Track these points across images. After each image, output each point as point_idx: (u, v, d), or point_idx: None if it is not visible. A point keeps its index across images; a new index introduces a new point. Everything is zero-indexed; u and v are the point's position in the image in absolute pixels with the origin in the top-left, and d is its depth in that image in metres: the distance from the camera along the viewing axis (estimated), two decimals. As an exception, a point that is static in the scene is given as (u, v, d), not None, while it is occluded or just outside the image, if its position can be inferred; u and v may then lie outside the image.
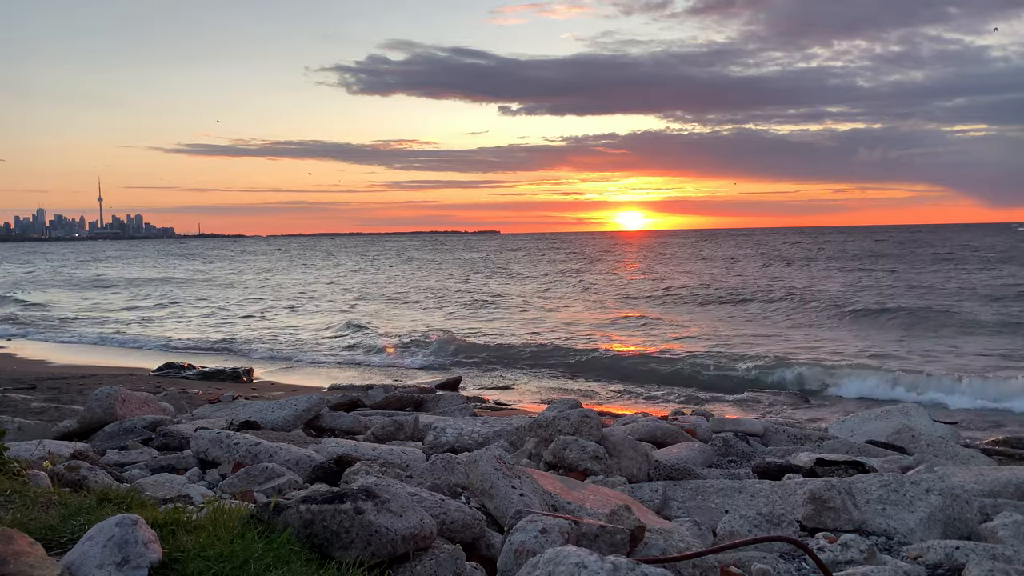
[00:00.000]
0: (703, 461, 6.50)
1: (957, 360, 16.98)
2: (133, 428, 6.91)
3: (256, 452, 5.13)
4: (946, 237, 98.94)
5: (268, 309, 32.56)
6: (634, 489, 4.80)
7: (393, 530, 2.65)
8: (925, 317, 23.19)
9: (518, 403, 13.13)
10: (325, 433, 7.52)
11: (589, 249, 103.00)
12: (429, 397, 10.46)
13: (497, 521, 3.67)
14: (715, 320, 26.11)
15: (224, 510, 2.78)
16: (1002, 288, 30.52)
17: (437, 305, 33.55)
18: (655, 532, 3.42)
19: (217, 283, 49.95)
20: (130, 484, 4.21)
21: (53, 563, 2.32)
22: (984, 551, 3.68)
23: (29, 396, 11.08)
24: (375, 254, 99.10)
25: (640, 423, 7.42)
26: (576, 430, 5.34)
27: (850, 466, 5.57)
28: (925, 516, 4.26)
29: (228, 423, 7.06)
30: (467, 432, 6.48)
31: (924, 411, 8.84)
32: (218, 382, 14.63)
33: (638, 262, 64.96)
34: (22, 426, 7.40)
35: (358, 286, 44.88)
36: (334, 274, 58.96)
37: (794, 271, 46.85)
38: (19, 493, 3.07)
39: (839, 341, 20.23)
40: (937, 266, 46.52)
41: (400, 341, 21.48)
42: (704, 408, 11.95)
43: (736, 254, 68.16)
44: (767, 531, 4.01)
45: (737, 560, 3.55)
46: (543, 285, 42.91)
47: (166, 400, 9.16)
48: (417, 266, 67.96)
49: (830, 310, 25.82)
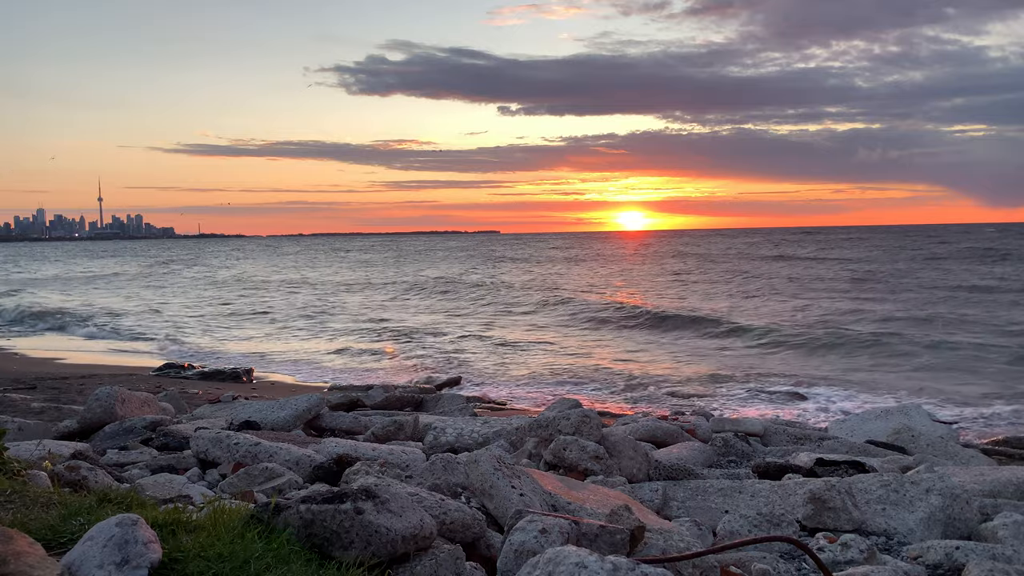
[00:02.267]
0: (703, 461, 6.51)
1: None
2: (133, 428, 6.91)
3: (256, 452, 5.13)
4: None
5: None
6: (634, 489, 4.80)
7: (393, 530, 2.65)
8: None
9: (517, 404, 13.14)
10: (325, 433, 7.52)
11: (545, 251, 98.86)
12: (429, 397, 10.47)
13: (497, 521, 3.67)
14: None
15: (224, 510, 2.78)
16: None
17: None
18: (655, 532, 3.42)
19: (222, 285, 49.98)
20: (130, 484, 4.21)
21: (53, 563, 2.32)
22: (984, 551, 3.68)
23: (29, 396, 11.08)
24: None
25: (640, 423, 7.42)
26: (576, 430, 5.34)
27: (850, 466, 5.57)
28: (925, 516, 4.26)
29: (228, 423, 7.06)
30: (467, 432, 6.48)
31: (924, 411, 8.84)
32: (218, 382, 14.62)
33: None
34: (22, 426, 7.39)
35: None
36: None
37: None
38: (19, 493, 3.07)
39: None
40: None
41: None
42: (704, 408, 11.95)
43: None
44: (767, 531, 4.01)
45: (737, 560, 3.55)
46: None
47: (166, 400, 9.17)
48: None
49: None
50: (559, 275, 50.01)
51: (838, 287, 34.56)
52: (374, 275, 54.14)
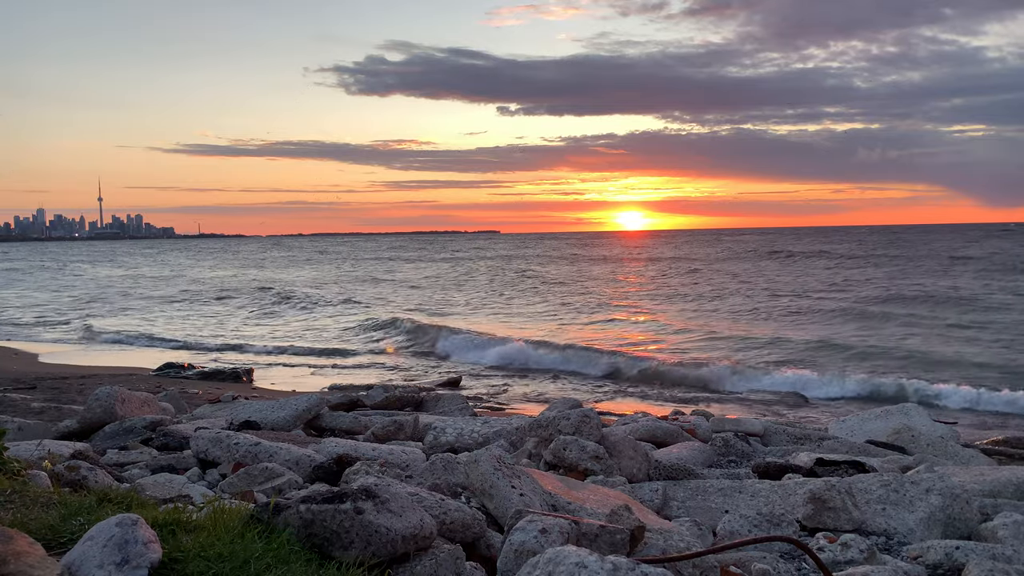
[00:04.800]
0: (703, 461, 6.50)
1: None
2: (133, 428, 6.91)
3: (256, 452, 5.13)
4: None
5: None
6: (634, 489, 4.80)
7: (393, 530, 2.64)
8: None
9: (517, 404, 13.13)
10: (325, 433, 7.52)
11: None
12: (429, 397, 10.46)
13: (497, 521, 3.67)
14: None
15: (224, 510, 2.78)
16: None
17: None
18: (655, 532, 3.42)
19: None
20: (130, 484, 4.21)
21: (53, 563, 2.32)
22: (984, 551, 3.67)
23: (29, 396, 11.08)
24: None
25: (640, 423, 7.42)
26: (576, 430, 5.34)
27: (850, 466, 5.57)
28: (925, 516, 4.26)
29: (228, 423, 7.05)
30: (467, 432, 6.48)
31: (924, 411, 8.84)
32: (218, 382, 14.63)
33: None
34: (22, 426, 7.39)
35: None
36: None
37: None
38: (19, 493, 3.07)
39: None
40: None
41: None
42: (704, 408, 11.96)
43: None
44: (767, 531, 4.01)
45: (737, 560, 3.55)
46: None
47: (166, 400, 9.16)
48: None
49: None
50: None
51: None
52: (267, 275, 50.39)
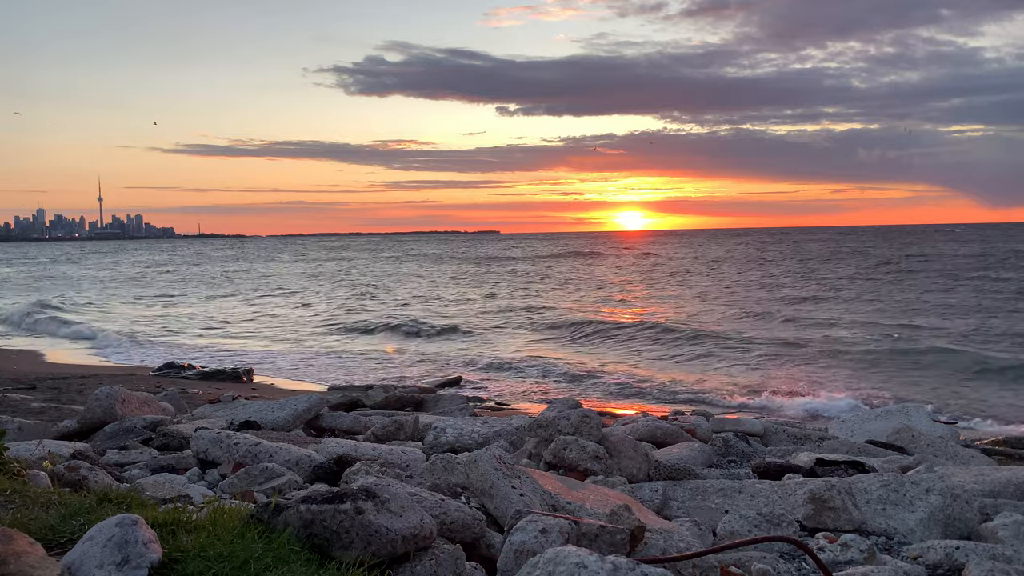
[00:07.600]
0: (703, 461, 6.50)
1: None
2: (133, 428, 6.91)
3: (256, 452, 5.13)
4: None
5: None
6: (634, 489, 4.80)
7: (393, 530, 2.64)
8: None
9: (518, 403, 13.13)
10: (325, 433, 7.52)
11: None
12: (429, 397, 10.47)
13: (497, 521, 3.67)
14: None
15: (224, 510, 2.78)
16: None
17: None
18: (655, 532, 3.42)
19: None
20: (130, 484, 4.21)
21: (53, 563, 2.32)
22: (984, 551, 3.67)
23: (29, 396, 11.08)
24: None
25: (640, 423, 7.42)
26: (576, 430, 5.33)
27: (850, 466, 5.57)
28: (925, 516, 4.26)
29: (228, 423, 7.06)
30: (467, 432, 6.48)
31: (924, 411, 8.85)
32: (218, 382, 14.62)
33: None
34: (22, 426, 7.39)
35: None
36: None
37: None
38: (19, 493, 3.07)
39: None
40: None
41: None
42: (704, 408, 11.96)
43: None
44: (767, 531, 4.01)
45: (737, 560, 3.55)
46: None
47: (166, 400, 9.16)
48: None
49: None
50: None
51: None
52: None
